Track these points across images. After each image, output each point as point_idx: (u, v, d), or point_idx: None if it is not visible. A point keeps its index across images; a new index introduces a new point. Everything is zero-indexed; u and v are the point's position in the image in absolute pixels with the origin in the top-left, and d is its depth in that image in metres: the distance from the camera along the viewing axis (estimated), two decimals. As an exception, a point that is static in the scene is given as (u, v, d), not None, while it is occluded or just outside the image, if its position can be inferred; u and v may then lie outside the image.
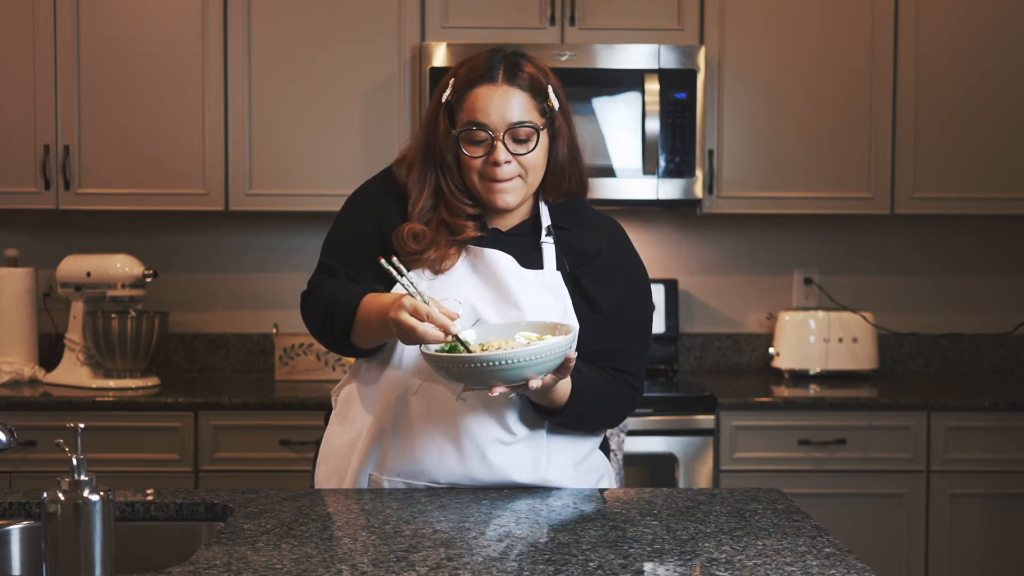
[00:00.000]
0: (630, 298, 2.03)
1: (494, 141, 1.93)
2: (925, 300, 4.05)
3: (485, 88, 1.94)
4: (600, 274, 2.01)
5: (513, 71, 1.96)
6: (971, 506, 3.41)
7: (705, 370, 4.02)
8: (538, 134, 1.95)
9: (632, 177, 3.53)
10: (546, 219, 2.03)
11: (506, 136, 1.93)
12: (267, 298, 3.97)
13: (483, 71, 1.96)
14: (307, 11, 3.60)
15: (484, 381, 1.74)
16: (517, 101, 1.94)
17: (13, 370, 3.56)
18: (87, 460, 1.55)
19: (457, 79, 1.97)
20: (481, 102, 1.94)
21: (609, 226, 2.10)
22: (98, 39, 3.59)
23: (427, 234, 1.97)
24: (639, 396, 2.06)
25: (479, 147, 1.95)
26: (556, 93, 1.98)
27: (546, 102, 1.97)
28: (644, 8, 3.63)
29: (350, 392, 2.04)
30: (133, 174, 3.61)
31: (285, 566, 1.51)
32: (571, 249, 2.02)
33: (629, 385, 2.02)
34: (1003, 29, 3.67)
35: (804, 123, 3.67)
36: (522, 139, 1.94)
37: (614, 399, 2.00)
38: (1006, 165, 3.68)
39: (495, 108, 1.93)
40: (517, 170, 1.95)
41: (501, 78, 1.95)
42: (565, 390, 1.89)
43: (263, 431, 3.36)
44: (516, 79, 1.95)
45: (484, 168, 1.95)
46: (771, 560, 1.56)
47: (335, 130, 3.61)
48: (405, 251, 1.96)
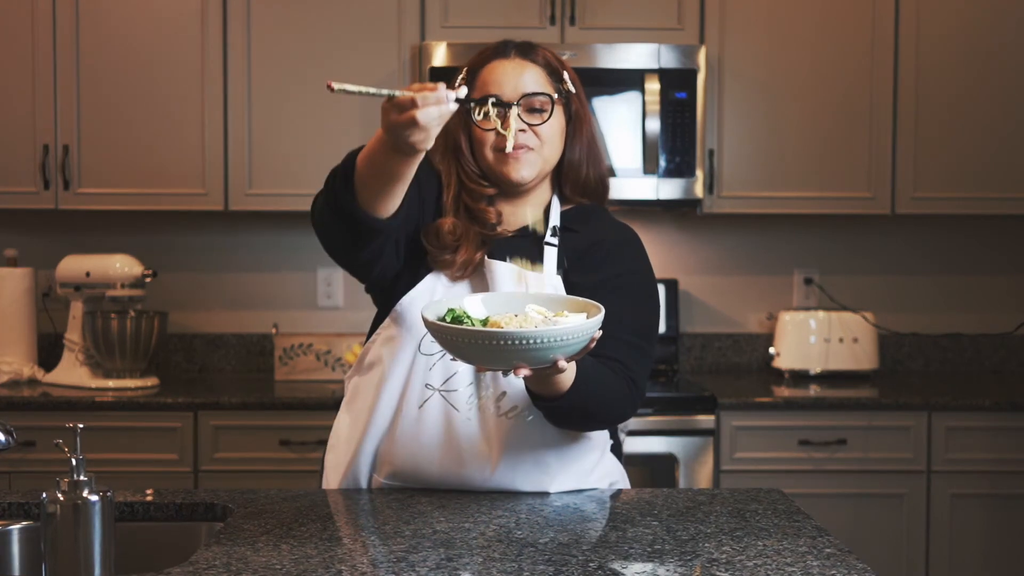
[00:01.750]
0: (634, 300, 1.95)
1: (507, 112, 1.89)
2: (925, 300, 4.05)
3: (498, 62, 1.94)
4: (602, 277, 1.93)
5: (527, 49, 1.96)
6: (971, 506, 3.41)
7: (705, 370, 4.01)
8: (553, 105, 1.93)
9: (632, 177, 3.52)
10: (555, 218, 1.99)
11: (520, 105, 1.91)
12: (267, 298, 3.97)
13: (495, 48, 1.96)
14: (307, 11, 3.60)
15: (506, 361, 1.57)
16: (531, 74, 1.93)
17: (12, 370, 3.56)
18: (86, 460, 1.54)
19: (469, 65, 1.98)
20: (495, 74, 1.93)
21: (622, 232, 2.02)
22: (97, 39, 3.59)
23: (460, 226, 1.93)
24: (639, 398, 1.95)
25: (491, 121, 1.92)
26: (573, 81, 1.97)
27: (562, 83, 1.95)
28: (644, 8, 3.63)
29: (357, 385, 2.00)
30: (133, 174, 3.61)
31: (285, 566, 1.51)
32: (574, 250, 1.96)
33: (630, 383, 1.92)
34: (1003, 29, 3.66)
35: (804, 123, 3.67)
36: (537, 108, 1.92)
37: (614, 395, 1.89)
38: (1006, 165, 3.68)
39: (508, 79, 1.92)
40: (532, 141, 1.92)
41: (515, 53, 1.95)
42: (569, 376, 1.77)
43: (263, 431, 3.35)
44: (530, 54, 1.95)
45: (497, 140, 1.92)
46: (771, 560, 1.56)
47: (335, 130, 3.60)
48: (438, 246, 1.92)
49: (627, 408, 1.92)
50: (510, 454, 1.89)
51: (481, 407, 1.89)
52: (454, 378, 1.90)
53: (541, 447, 1.92)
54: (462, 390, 1.89)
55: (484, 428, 1.89)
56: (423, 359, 1.91)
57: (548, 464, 1.93)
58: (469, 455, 1.89)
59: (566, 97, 1.96)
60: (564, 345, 1.56)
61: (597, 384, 1.83)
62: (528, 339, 1.52)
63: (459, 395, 1.89)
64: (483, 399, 1.89)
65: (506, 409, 1.88)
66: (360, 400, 1.98)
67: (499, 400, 1.89)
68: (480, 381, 1.89)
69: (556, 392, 1.77)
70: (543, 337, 1.53)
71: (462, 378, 1.90)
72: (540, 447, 1.92)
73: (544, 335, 1.53)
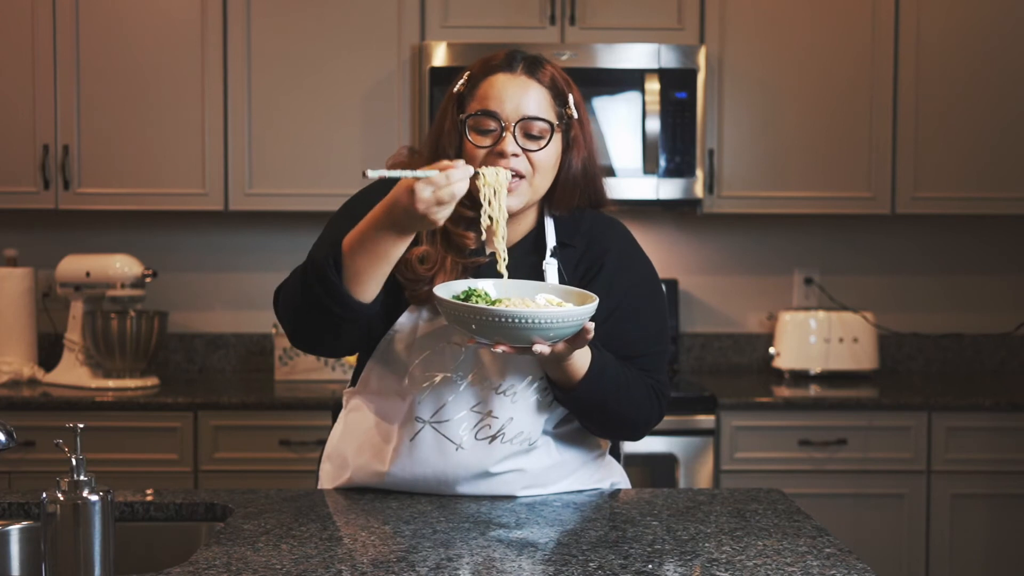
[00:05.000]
0: (638, 302, 1.93)
1: (503, 132, 1.80)
2: (925, 300, 4.05)
3: (502, 75, 1.83)
4: (612, 304, 1.89)
5: (534, 65, 1.86)
6: (972, 507, 3.41)
7: (705, 370, 4.01)
8: (552, 133, 1.83)
9: (632, 177, 3.52)
10: (551, 238, 1.91)
11: (517, 128, 1.80)
12: (267, 298, 3.92)
13: (501, 60, 1.85)
14: (307, 11, 3.60)
15: (490, 335, 1.65)
16: (535, 94, 1.83)
17: (12, 370, 3.56)
18: (86, 460, 1.54)
19: (472, 70, 1.87)
20: (496, 88, 1.82)
21: (611, 229, 1.97)
22: (97, 39, 3.58)
23: (433, 255, 1.84)
24: (665, 402, 1.93)
25: (486, 137, 1.82)
26: (577, 105, 1.87)
27: (565, 107, 1.86)
28: (644, 8, 3.62)
29: (358, 405, 1.97)
30: (133, 174, 3.61)
31: (285, 566, 1.51)
32: (574, 265, 1.92)
33: (653, 388, 1.91)
34: (1003, 28, 3.66)
35: (804, 123, 3.66)
36: (534, 135, 1.81)
37: (636, 393, 1.88)
38: (1006, 165, 3.68)
39: (510, 96, 1.81)
40: (524, 167, 1.81)
41: (521, 69, 1.84)
42: (582, 365, 1.78)
43: (262, 431, 3.35)
44: (537, 73, 1.85)
45: (488, 160, 1.80)
46: (771, 560, 1.56)
47: (335, 130, 3.60)
48: (411, 278, 1.83)
49: (654, 412, 1.93)
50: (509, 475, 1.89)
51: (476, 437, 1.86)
52: (444, 409, 1.85)
53: (539, 467, 1.91)
54: (454, 420, 1.85)
55: (479, 456, 1.86)
56: (411, 394, 1.86)
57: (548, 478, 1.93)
58: (465, 480, 1.88)
59: (567, 123, 1.86)
60: (542, 328, 1.64)
61: (613, 380, 1.83)
62: (507, 317, 1.63)
63: (451, 426, 1.85)
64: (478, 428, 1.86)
65: (511, 436, 1.86)
66: (356, 424, 1.96)
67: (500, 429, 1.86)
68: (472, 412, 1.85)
69: (570, 379, 1.79)
70: (520, 317, 1.63)
71: (453, 409, 1.85)
72: (539, 467, 1.91)
73: (519, 315, 1.63)
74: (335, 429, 2.03)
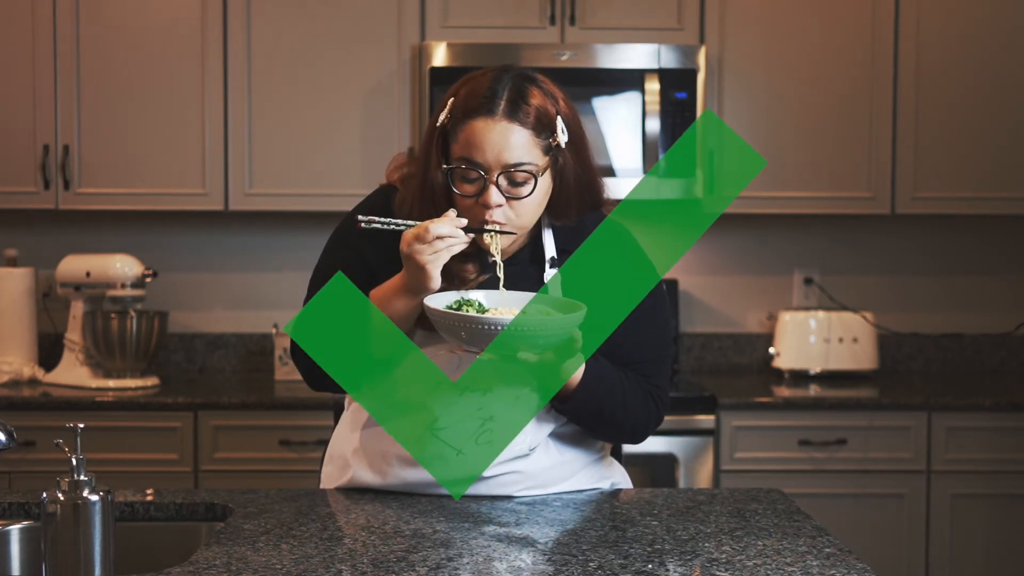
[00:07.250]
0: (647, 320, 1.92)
1: (487, 183, 1.76)
2: (925, 300, 4.05)
3: (482, 122, 1.75)
4: None
5: (516, 103, 1.76)
6: (972, 507, 3.41)
7: (705, 370, 4.01)
8: (536, 179, 1.77)
9: (632, 177, 3.52)
10: (550, 248, 1.89)
11: (500, 177, 1.76)
12: (267, 298, 3.97)
13: (483, 99, 1.76)
14: (307, 11, 3.60)
15: (479, 344, 1.67)
16: (517, 140, 1.75)
17: (12, 370, 3.56)
18: (87, 460, 1.54)
19: (456, 101, 1.80)
20: (476, 137, 1.75)
21: (611, 234, 1.94)
22: (98, 39, 3.58)
23: None
24: (664, 407, 1.94)
25: (471, 185, 1.77)
26: (567, 122, 1.80)
27: (551, 138, 1.79)
28: (644, 8, 3.62)
29: (358, 406, 1.96)
30: (133, 174, 3.61)
31: (285, 566, 1.51)
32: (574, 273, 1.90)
33: (652, 394, 1.92)
34: (1004, 29, 3.66)
35: (804, 123, 3.66)
36: (519, 182, 1.77)
37: (634, 400, 1.88)
38: (1006, 165, 3.68)
39: (491, 146, 1.74)
40: (509, 215, 1.78)
41: (502, 111, 1.75)
42: (576, 374, 1.79)
43: (263, 431, 3.35)
44: (518, 113, 1.76)
45: (475, 209, 1.77)
46: (771, 560, 1.56)
47: (335, 130, 3.60)
48: None
49: (652, 418, 1.94)
50: (509, 477, 1.89)
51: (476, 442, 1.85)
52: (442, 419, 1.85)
53: (539, 468, 1.91)
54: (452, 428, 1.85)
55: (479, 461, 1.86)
56: None
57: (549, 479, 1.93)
58: None
59: (555, 154, 1.80)
60: (527, 335, 1.65)
61: (610, 387, 1.85)
62: (492, 325, 1.63)
63: (450, 433, 1.85)
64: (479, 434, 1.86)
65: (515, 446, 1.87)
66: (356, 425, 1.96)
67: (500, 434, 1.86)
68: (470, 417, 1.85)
69: (564, 388, 1.81)
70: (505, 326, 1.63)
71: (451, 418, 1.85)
72: (539, 468, 1.91)
73: (504, 324, 1.63)
74: (336, 431, 2.04)
